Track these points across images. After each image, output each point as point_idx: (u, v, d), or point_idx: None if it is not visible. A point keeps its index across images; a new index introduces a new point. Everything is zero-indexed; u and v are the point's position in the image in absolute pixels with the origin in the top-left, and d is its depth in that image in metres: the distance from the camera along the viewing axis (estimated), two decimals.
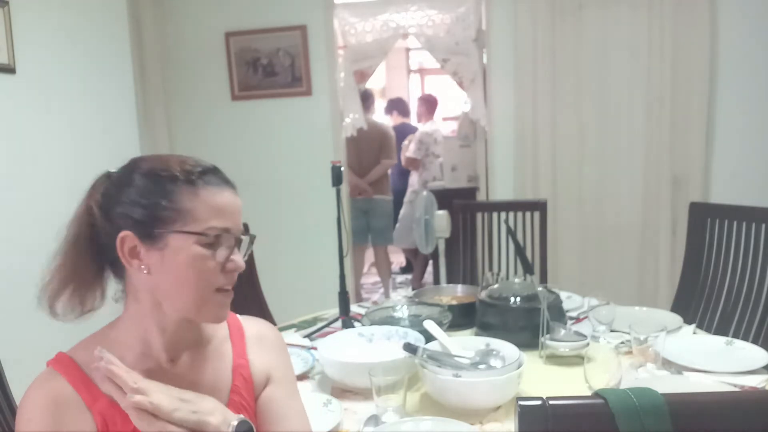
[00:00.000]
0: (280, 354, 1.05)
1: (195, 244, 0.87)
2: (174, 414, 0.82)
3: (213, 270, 0.89)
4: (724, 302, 2.09)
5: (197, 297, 0.89)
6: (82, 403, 0.86)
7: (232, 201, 0.92)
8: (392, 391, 1.30)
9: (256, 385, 1.00)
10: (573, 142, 3.29)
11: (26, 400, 0.86)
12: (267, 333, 1.06)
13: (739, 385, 1.41)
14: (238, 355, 1.00)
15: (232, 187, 0.93)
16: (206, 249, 0.88)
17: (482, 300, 1.79)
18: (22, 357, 1.54)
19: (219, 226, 0.89)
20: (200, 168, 0.91)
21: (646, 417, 0.73)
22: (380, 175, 4.42)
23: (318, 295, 2.60)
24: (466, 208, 2.71)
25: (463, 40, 3.88)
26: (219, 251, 0.89)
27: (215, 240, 0.89)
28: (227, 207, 0.91)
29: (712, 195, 3.19)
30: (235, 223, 0.91)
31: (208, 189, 0.89)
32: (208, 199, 0.89)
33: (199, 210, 0.88)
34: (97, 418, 0.87)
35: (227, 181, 0.93)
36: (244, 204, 0.97)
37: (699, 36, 3.08)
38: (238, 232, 0.92)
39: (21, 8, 2.24)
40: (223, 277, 0.90)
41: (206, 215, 0.88)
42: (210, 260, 0.88)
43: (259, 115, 3.55)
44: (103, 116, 2.71)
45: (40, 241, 2.55)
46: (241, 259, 0.92)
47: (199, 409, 0.85)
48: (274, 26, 3.44)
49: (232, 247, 0.91)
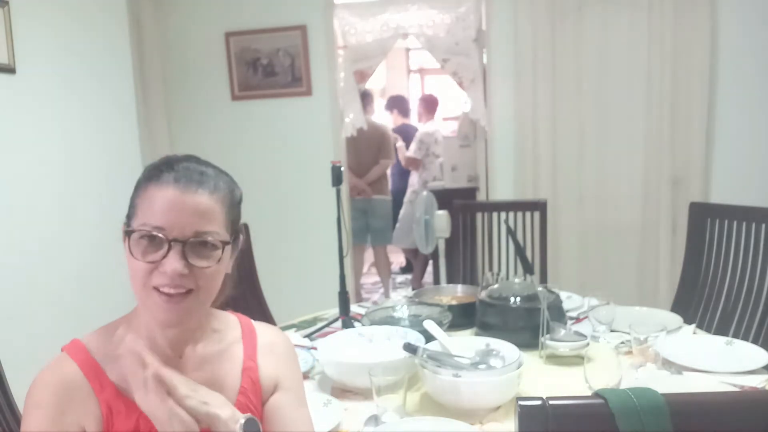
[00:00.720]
0: (289, 363, 1.05)
1: (130, 240, 0.87)
2: (186, 400, 0.83)
3: (143, 268, 0.86)
4: (724, 302, 2.09)
5: (139, 294, 0.89)
6: (91, 390, 0.88)
7: (172, 199, 0.86)
8: (392, 391, 1.30)
9: (263, 391, 1.00)
10: (573, 142, 3.29)
11: (37, 381, 0.88)
12: (279, 341, 1.06)
13: (739, 385, 1.41)
14: (248, 357, 1.00)
15: (185, 186, 0.87)
16: (138, 246, 0.87)
17: (482, 300, 1.79)
18: (22, 357, 1.54)
19: (151, 224, 0.86)
20: (163, 164, 0.90)
21: (646, 417, 0.73)
22: (379, 175, 4.44)
23: (318, 295, 2.59)
24: (466, 208, 2.71)
25: (463, 40, 3.88)
26: (148, 249, 0.86)
27: (147, 237, 0.86)
28: (165, 205, 0.86)
29: (712, 195, 3.19)
30: (172, 222, 0.86)
31: (155, 185, 0.88)
32: (151, 196, 0.88)
33: (141, 207, 0.89)
34: (102, 406, 0.88)
35: (183, 179, 0.88)
36: (244, 204, 0.96)
37: (699, 36, 3.08)
38: (175, 233, 0.86)
39: (21, 8, 2.24)
40: (158, 276, 0.86)
41: (144, 212, 0.88)
42: (140, 260, 0.87)
43: (259, 115, 3.55)
44: (103, 116, 2.71)
45: (39, 241, 2.56)
46: (176, 261, 0.85)
47: (210, 401, 0.85)
48: (274, 26, 3.44)
49: (162, 248, 0.86)
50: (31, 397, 0.87)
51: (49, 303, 2.32)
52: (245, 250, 2.29)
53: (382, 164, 4.42)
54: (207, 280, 0.89)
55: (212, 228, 0.89)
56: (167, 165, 0.90)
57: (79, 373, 0.88)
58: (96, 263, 2.52)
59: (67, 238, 2.43)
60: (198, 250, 0.88)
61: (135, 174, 0.94)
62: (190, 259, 0.87)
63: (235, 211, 0.95)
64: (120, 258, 0.90)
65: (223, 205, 0.91)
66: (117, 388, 0.89)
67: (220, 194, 0.91)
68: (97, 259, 2.52)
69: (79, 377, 0.88)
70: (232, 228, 0.94)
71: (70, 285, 2.43)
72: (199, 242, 0.88)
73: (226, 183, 0.94)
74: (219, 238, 0.90)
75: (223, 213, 0.91)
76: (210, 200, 0.89)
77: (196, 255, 0.88)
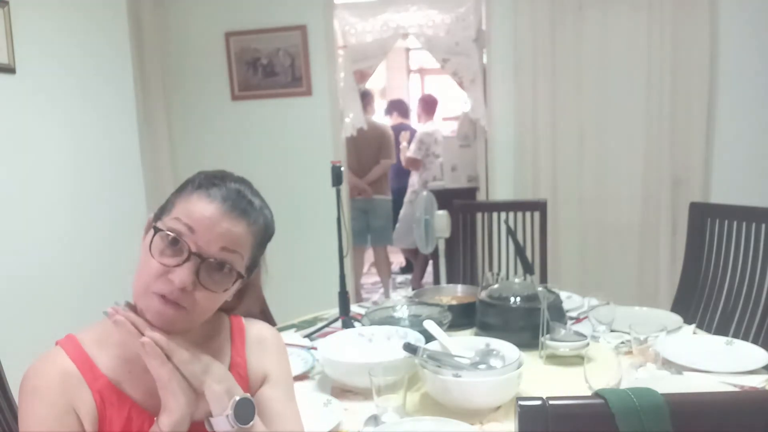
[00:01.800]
0: (278, 356, 1.05)
1: (153, 235, 0.87)
2: (186, 365, 0.86)
3: (154, 268, 0.86)
4: (724, 302, 2.09)
5: (138, 289, 0.88)
6: (83, 381, 0.89)
7: (213, 216, 0.86)
8: (392, 391, 1.30)
9: (251, 385, 1.01)
10: (573, 142, 3.29)
11: (31, 371, 0.89)
12: (267, 335, 1.06)
13: (739, 385, 1.41)
14: (236, 353, 1.01)
15: (230, 209, 0.87)
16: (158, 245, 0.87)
17: (482, 300, 1.79)
18: (22, 357, 1.54)
19: (178, 232, 0.86)
20: (218, 178, 0.91)
21: (646, 417, 0.73)
22: (379, 175, 4.43)
23: (318, 295, 2.59)
24: (466, 208, 2.71)
25: (463, 40, 3.88)
26: (166, 251, 0.86)
27: (170, 240, 0.86)
28: (203, 218, 0.86)
29: (712, 195, 3.19)
30: (202, 237, 0.86)
31: (202, 195, 0.88)
32: (193, 203, 0.88)
33: (178, 208, 0.88)
34: (96, 397, 0.89)
35: (231, 201, 0.88)
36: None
37: (699, 36, 3.08)
38: (200, 247, 0.86)
39: (21, 8, 2.24)
40: (162, 282, 0.86)
41: (180, 215, 0.87)
42: (155, 258, 0.86)
43: (259, 115, 3.55)
44: (103, 116, 2.71)
45: (39, 241, 2.56)
46: (186, 275, 0.84)
47: (209, 371, 0.87)
48: (274, 26, 3.44)
49: (181, 255, 0.86)
50: (27, 385, 0.88)
51: (50, 302, 2.32)
52: None
53: (382, 164, 4.41)
54: (205, 303, 0.89)
55: (235, 258, 0.89)
56: (221, 180, 0.91)
57: (72, 365, 0.89)
58: (97, 263, 2.52)
59: (67, 238, 2.43)
60: (212, 273, 0.88)
61: (135, 174, 0.95)
62: (201, 278, 0.86)
63: (262, 249, 0.96)
64: (121, 257, 0.90)
65: (255, 239, 0.92)
66: (109, 380, 0.90)
67: (257, 228, 0.92)
68: (98, 259, 2.52)
69: (72, 369, 0.89)
70: (251, 263, 0.94)
71: (71, 285, 2.43)
72: (217, 264, 0.87)
73: (266, 219, 0.95)
74: (237, 268, 0.90)
75: (252, 248, 0.92)
76: (246, 232, 0.90)
77: (208, 276, 0.87)
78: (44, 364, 0.89)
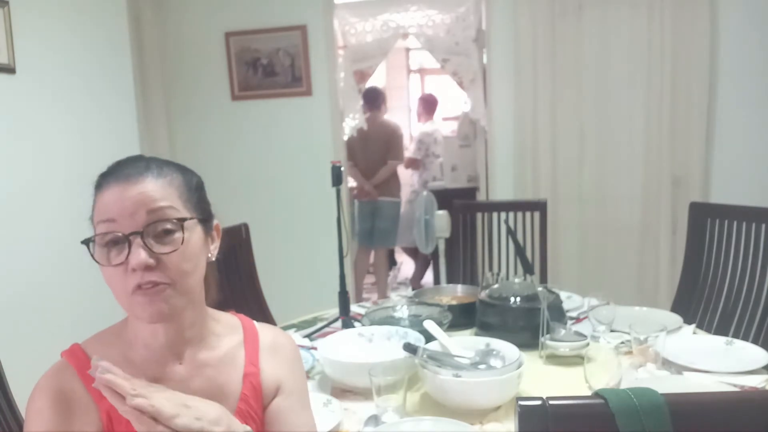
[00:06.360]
0: (293, 365, 1.03)
1: (94, 252, 0.86)
2: (175, 420, 0.78)
3: (116, 273, 0.84)
4: (724, 302, 2.08)
5: (121, 301, 0.87)
6: (90, 398, 0.87)
7: (117, 196, 0.84)
8: (392, 391, 1.30)
9: (265, 395, 0.98)
10: (573, 142, 3.29)
11: (38, 390, 0.87)
12: (282, 342, 1.03)
13: (739, 385, 1.41)
14: (250, 362, 0.98)
15: (126, 177, 0.85)
16: (103, 254, 0.85)
17: (482, 300, 1.79)
18: (22, 357, 1.54)
19: (104, 230, 0.84)
20: (107, 170, 0.89)
21: (646, 417, 0.73)
22: (386, 176, 4.34)
23: (318, 295, 2.59)
24: (466, 208, 2.71)
25: (463, 40, 3.88)
26: (111, 254, 0.84)
27: (104, 242, 0.85)
28: (112, 202, 0.84)
29: (712, 195, 3.19)
30: (122, 215, 0.84)
31: (101, 191, 0.87)
32: (99, 202, 0.86)
33: (95, 216, 0.87)
34: (103, 416, 0.87)
35: (125, 173, 0.86)
36: (244, 204, 0.96)
37: (699, 36, 3.08)
38: (129, 225, 0.84)
39: (21, 8, 2.24)
40: (131, 277, 0.84)
41: (97, 219, 0.86)
42: (107, 266, 0.85)
43: (259, 115, 3.55)
44: (103, 116, 2.72)
45: (40, 241, 2.56)
46: (138, 254, 0.82)
47: (203, 416, 0.81)
48: (274, 26, 3.44)
49: (123, 246, 0.84)
50: (32, 404, 0.86)
51: (50, 302, 2.32)
52: (245, 250, 2.29)
53: (389, 165, 4.32)
54: (177, 266, 0.86)
55: (168, 211, 0.86)
56: (110, 169, 0.89)
57: (79, 381, 0.87)
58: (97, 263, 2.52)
59: (67, 238, 2.43)
60: (159, 237, 0.85)
61: None
62: (153, 247, 0.84)
63: (194, 194, 0.92)
64: None
65: (174, 187, 0.88)
66: None
67: (167, 178, 0.88)
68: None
69: (78, 386, 0.87)
70: (195, 209, 0.91)
71: (71, 284, 2.43)
72: (158, 228, 0.85)
73: (175, 169, 0.91)
74: (175, 215, 0.86)
75: (176, 195, 0.88)
76: (156, 184, 0.86)
77: (157, 241, 0.85)
78: (50, 381, 0.87)
